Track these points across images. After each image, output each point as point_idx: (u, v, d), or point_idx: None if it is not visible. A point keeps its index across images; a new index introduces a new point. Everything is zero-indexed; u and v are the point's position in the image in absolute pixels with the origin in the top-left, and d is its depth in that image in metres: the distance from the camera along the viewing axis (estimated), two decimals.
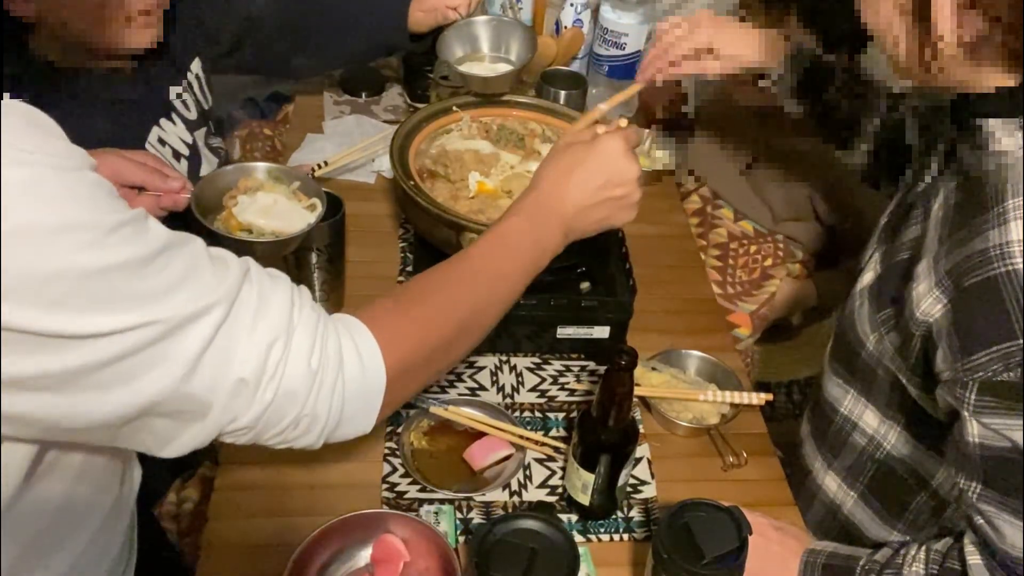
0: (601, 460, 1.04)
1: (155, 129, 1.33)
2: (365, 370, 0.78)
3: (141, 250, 0.62)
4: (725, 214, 1.73)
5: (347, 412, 0.77)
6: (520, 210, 0.97)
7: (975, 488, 0.86)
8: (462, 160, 1.34)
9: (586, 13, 1.80)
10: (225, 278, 0.68)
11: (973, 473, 0.86)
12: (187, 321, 0.64)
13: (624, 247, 1.33)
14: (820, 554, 1.02)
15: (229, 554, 1.04)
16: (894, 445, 1.03)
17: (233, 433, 0.72)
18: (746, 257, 1.70)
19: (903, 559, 0.94)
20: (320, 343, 0.74)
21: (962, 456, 0.87)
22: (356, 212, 1.43)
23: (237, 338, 0.68)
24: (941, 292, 0.86)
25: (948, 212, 0.90)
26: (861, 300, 1.02)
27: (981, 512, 0.87)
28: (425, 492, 1.12)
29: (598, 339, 1.29)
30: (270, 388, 0.71)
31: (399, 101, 1.82)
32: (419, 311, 0.86)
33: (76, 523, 0.81)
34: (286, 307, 0.72)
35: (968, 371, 0.82)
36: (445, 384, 1.26)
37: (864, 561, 0.98)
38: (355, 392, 0.77)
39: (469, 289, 0.90)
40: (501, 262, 0.93)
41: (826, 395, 1.11)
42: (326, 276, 1.30)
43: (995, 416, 0.82)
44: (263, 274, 0.74)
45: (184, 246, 0.67)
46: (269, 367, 0.70)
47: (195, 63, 1.42)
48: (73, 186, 0.59)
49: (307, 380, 0.73)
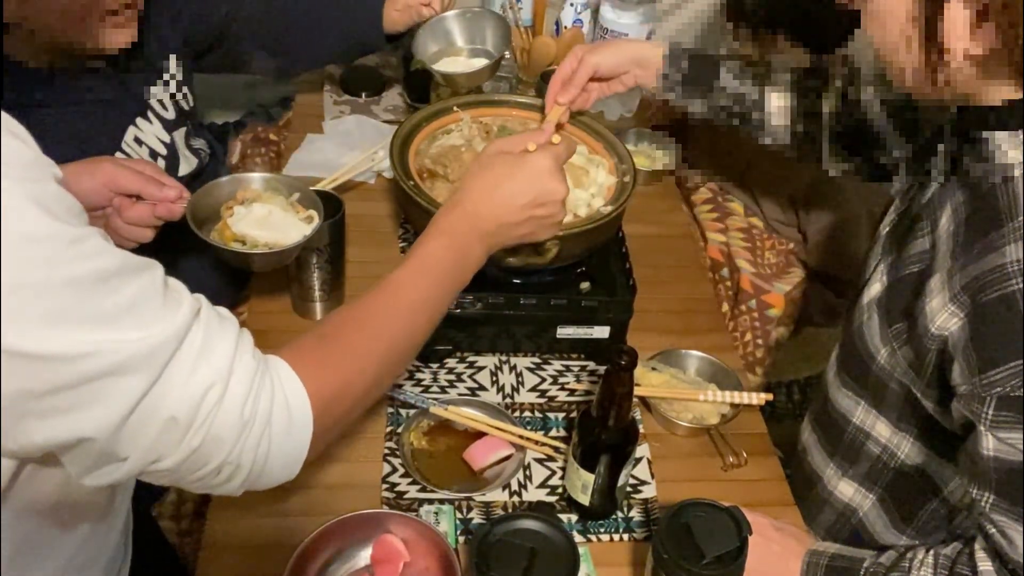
0: (601, 460, 1.04)
1: (131, 128, 1.33)
2: (293, 424, 0.76)
3: (96, 268, 0.61)
4: (736, 208, 1.73)
5: (271, 463, 0.75)
6: (444, 230, 0.97)
7: (988, 498, 0.87)
8: (462, 160, 1.34)
9: (586, 13, 1.80)
10: (175, 317, 0.67)
11: (986, 484, 0.86)
12: (132, 359, 0.63)
13: (624, 247, 1.33)
14: (823, 555, 1.01)
15: (229, 554, 1.04)
16: (908, 454, 1.03)
17: (153, 473, 0.70)
18: (772, 239, 1.70)
19: (910, 563, 0.94)
20: (255, 393, 0.72)
21: (975, 467, 0.87)
22: (356, 212, 1.43)
23: (176, 380, 0.66)
24: (957, 307, 0.86)
25: (959, 226, 0.90)
26: (869, 313, 1.02)
27: (993, 522, 0.87)
28: (425, 492, 1.12)
29: (598, 339, 1.29)
30: (199, 433, 0.68)
31: (399, 101, 1.82)
32: (346, 358, 0.84)
33: (66, 526, 0.80)
34: (229, 352, 0.70)
35: (986, 386, 0.82)
36: (445, 384, 1.26)
37: (868, 563, 0.97)
38: (281, 445, 0.75)
39: (394, 323, 0.89)
40: (425, 290, 0.92)
41: (836, 406, 1.10)
42: (326, 276, 1.30)
43: (1011, 431, 0.82)
44: (212, 314, 0.72)
45: (140, 273, 0.66)
46: (202, 412, 0.68)
47: (171, 62, 1.41)
48: (34, 198, 0.58)
49: (236, 429, 0.71)
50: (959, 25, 0.81)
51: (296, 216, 1.15)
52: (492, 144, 1.06)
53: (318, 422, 0.77)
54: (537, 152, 1.02)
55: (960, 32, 0.81)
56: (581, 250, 1.24)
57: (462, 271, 0.97)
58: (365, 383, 0.85)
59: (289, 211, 1.16)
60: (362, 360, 0.85)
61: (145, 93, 1.36)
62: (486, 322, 1.26)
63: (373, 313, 0.88)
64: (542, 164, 1.01)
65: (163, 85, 1.39)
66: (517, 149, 1.03)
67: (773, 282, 1.65)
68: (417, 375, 1.27)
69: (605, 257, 1.32)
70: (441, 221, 0.98)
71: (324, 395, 0.78)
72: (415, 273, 0.92)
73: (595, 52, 1.33)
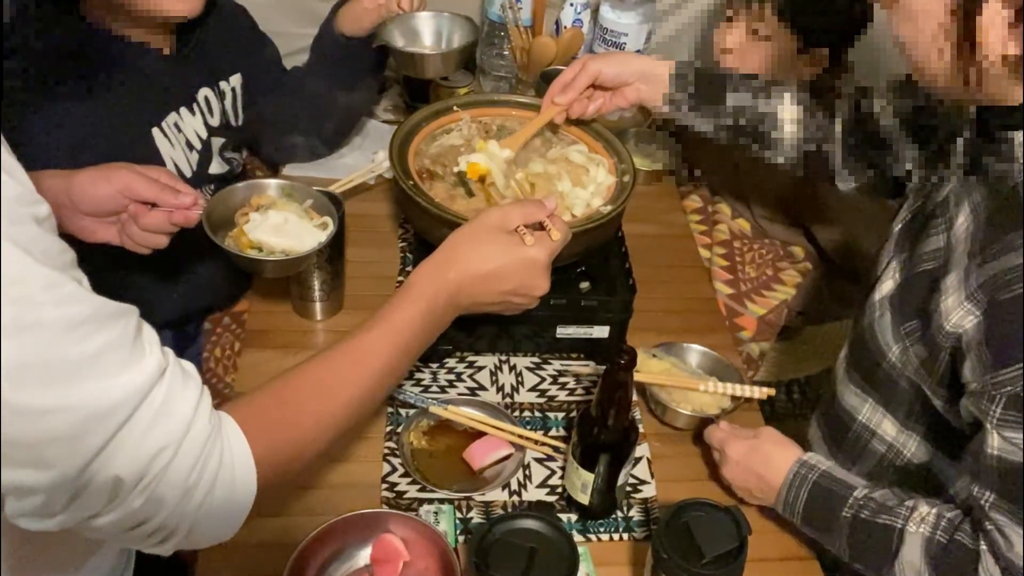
0: (601, 460, 1.04)
1: (173, 114, 1.36)
2: (235, 492, 0.73)
3: (67, 315, 0.60)
4: (723, 209, 1.73)
5: (206, 528, 0.73)
6: (422, 296, 0.93)
7: (989, 497, 0.87)
8: None
9: (586, 13, 1.80)
10: (139, 374, 0.65)
11: (988, 483, 0.87)
12: (90, 419, 0.61)
13: (624, 247, 1.33)
14: (813, 469, 1.02)
15: (229, 554, 1.03)
16: (914, 453, 1.04)
17: (84, 526, 0.67)
18: (752, 253, 1.70)
19: (909, 513, 0.94)
20: (203, 459, 0.69)
21: (979, 465, 0.87)
22: (356, 212, 1.44)
23: (129, 440, 0.64)
24: (973, 305, 0.86)
25: (978, 225, 0.90)
26: (881, 311, 1.02)
27: (993, 520, 0.87)
28: (425, 492, 1.12)
29: (598, 339, 1.29)
30: (142, 495, 0.66)
31: (399, 101, 1.82)
32: (301, 425, 0.81)
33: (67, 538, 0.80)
34: (187, 416, 0.68)
35: (997, 385, 0.83)
36: (445, 384, 1.26)
37: (860, 494, 0.97)
38: (220, 511, 0.73)
39: (357, 390, 0.86)
40: (393, 357, 0.89)
41: (843, 403, 1.10)
42: (326, 276, 1.30)
43: (1016, 431, 0.83)
44: (177, 372, 0.69)
45: (114, 320, 0.64)
46: (149, 475, 0.66)
47: (235, 80, 1.46)
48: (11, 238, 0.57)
49: (179, 494, 0.68)
50: (997, 25, 0.81)
51: (311, 223, 1.16)
52: (492, 213, 1.00)
53: (262, 489, 0.75)
54: (536, 246, 0.98)
55: (998, 32, 0.81)
56: (581, 250, 1.24)
57: (430, 337, 0.94)
58: (318, 448, 0.83)
59: (304, 218, 1.16)
60: (317, 428, 0.83)
61: (197, 91, 1.40)
62: (486, 322, 1.26)
63: (336, 378, 0.85)
64: (536, 260, 0.98)
65: (216, 92, 1.43)
66: (514, 224, 0.98)
67: (747, 303, 1.65)
68: (417, 375, 1.27)
69: (605, 257, 1.32)
70: (421, 285, 0.94)
71: (272, 463, 0.76)
72: (385, 340, 0.89)
73: (599, 59, 1.32)
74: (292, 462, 0.81)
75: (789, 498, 1.03)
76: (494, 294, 0.98)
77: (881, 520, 0.95)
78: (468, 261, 0.96)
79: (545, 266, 0.99)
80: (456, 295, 0.95)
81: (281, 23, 1.78)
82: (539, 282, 1.00)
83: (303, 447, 0.82)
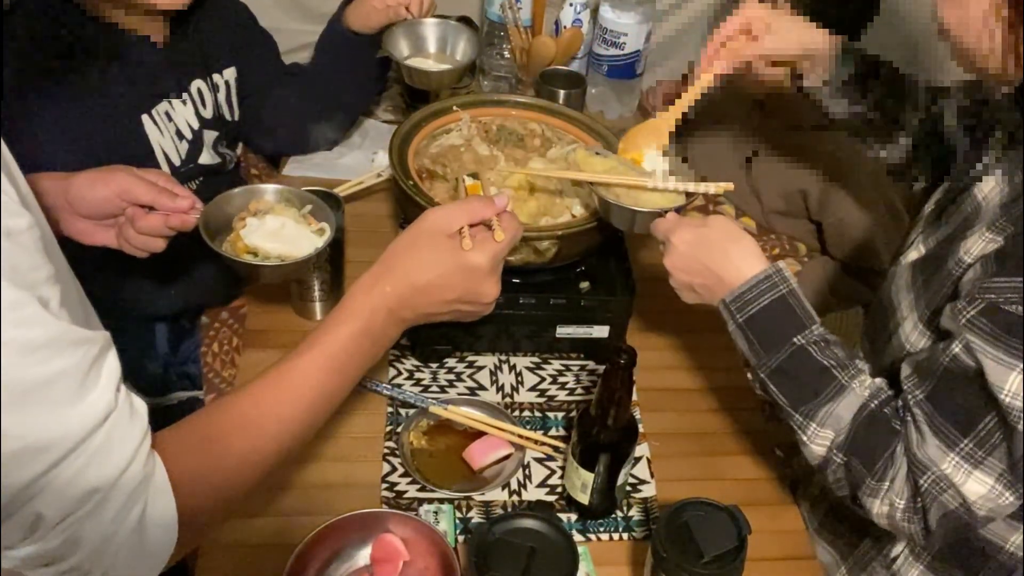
0: (600, 459, 1.04)
1: (164, 103, 1.36)
2: (155, 539, 0.71)
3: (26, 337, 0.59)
4: (726, 210, 1.73)
5: (121, 573, 0.70)
6: (357, 313, 0.87)
7: (918, 396, 0.90)
8: (461, 160, 1.34)
9: (585, 13, 1.80)
10: (86, 409, 0.63)
11: (925, 381, 0.89)
12: (26, 451, 0.60)
13: (624, 247, 1.33)
14: (786, 282, 0.99)
15: (229, 554, 1.04)
16: None
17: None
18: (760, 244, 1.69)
19: (855, 373, 0.95)
20: (128, 506, 0.67)
21: (928, 362, 0.89)
22: (356, 212, 1.44)
23: (60, 479, 0.62)
24: (995, 233, 0.87)
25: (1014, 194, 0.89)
26: (901, 273, 1.03)
27: (914, 414, 0.90)
28: (425, 492, 1.12)
29: (598, 339, 1.29)
30: (62, 535, 0.64)
31: (399, 101, 1.82)
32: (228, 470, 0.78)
33: None
34: (123, 462, 0.66)
35: (984, 289, 0.84)
36: (444, 384, 1.26)
37: (819, 330, 0.97)
38: (137, 557, 0.70)
39: (289, 425, 0.82)
40: (328, 384, 0.85)
41: None
42: (326, 276, 1.30)
43: (980, 338, 0.83)
44: (124, 413, 0.67)
45: (72, 350, 0.62)
46: (73, 515, 0.64)
47: (228, 73, 1.47)
48: None
49: (98, 538, 0.66)
50: None
51: (308, 228, 1.15)
52: (433, 214, 0.92)
53: (183, 537, 0.73)
54: (475, 251, 0.89)
55: None
56: (581, 250, 1.24)
57: (373, 356, 0.89)
58: (247, 488, 0.80)
59: (302, 223, 1.16)
60: (247, 469, 0.80)
61: (188, 80, 1.40)
62: (485, 321, 1.25)
63: (266, 414, 0.81)
64: (476, 265, 0.89)
65: (209, 85, 1.43)
66: (457, 225, 0.90)
67: None
68: (417, 375, 1.27)
69: (605, 257, 1.32)
70: (355, 301, 0.88)
71: (196, 509, 0.74)
72: (316, 365, 0.84)
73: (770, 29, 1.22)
74: (217, 506, 0.78)
75: (748, 296, 0.99)
76: (438, 304, 0.90)
77: (826, 363, 0.95)
78: (406, 271, 0.89)
79: (488, 271, 0.90)
80: (397, 309, 0.88)
81: (282, 19, 1.78)
82: (485, 288, 0.91)
83: (230, 492, 0.79)
